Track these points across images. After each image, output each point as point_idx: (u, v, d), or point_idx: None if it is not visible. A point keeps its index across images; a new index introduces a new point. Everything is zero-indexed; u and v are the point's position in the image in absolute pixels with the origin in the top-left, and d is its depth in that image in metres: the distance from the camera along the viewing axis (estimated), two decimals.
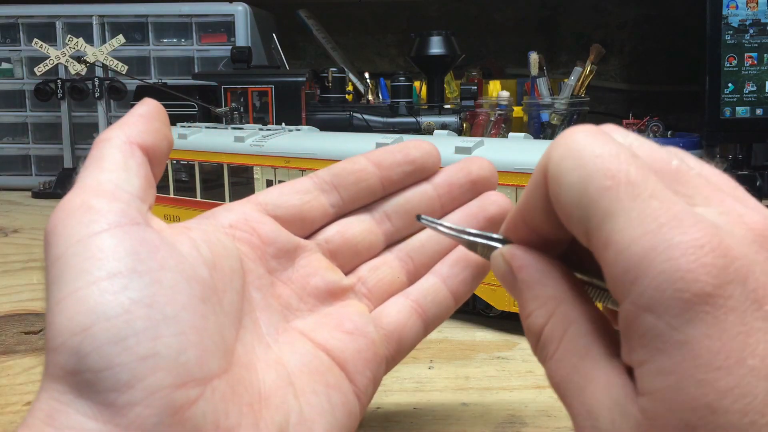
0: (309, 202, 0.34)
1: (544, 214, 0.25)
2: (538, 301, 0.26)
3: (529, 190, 0.26)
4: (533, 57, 1.10)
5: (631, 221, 0.21)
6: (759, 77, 1.02)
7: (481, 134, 1.09)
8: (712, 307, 0.20)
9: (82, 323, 0.22)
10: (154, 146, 0.29)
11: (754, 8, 1.01)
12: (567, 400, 0.24)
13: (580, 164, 0.23)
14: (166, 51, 1.23)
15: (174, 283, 0.24)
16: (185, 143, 0.73)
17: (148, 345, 0.23)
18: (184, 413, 0.23)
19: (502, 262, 0.28)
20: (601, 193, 0.22)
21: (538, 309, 0.26)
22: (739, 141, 1.07)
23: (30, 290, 0.66)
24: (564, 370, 0.24)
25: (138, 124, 0.29)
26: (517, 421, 0.40)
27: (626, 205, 0.22)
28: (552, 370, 0.25)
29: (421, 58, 1.04)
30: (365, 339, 0.32)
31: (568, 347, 0.25)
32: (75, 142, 1.24)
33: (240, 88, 1.00)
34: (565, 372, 0.24)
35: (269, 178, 0.67)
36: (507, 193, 0.52)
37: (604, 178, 0.22)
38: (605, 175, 0.22)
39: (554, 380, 0.25)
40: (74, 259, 0.24)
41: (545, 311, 0.26)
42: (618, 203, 0.22)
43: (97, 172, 0.27)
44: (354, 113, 1.01)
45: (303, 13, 1.31)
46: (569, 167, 0.23)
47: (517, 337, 0.53)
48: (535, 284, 0.26)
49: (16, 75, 1.26)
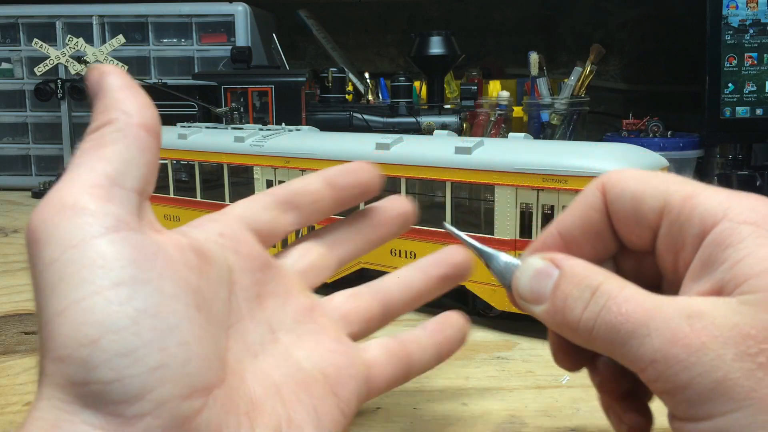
0: (276, 218, 0.34)
1: (588, 235, 0.29)
2: (591, 269, 0.27)
3: (578, 209, 0.29)
4: (533, 57, 1.10)
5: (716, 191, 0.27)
6: (759, 77, 1.02)
7: (481, 134, 1.09)
8: None
9: (90, 335, 0.22)
10: (153, 121, 0.28)
11: (754, 8, 1.01)
12: (655, 324, 0.24)
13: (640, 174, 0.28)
14: (166, 51, 1.23)
15: (174, 292, 0.24)
16: (185, 143, 0.73)
17: (156, 356, 0.23)
18: (190, 423, 0.23)
19: (539, 260, 0.28)
20: (676, 178, 0.28)
21: (592, 275, 0.27)
22: (739, 141, 1.07)
23: (30, 290, 0.66)
24: (640, 297, 0.25)
25: (134, 100, 0.27)
26: (517, 421, 0.40)
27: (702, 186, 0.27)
28: (624, 305, 0.25)
29: (421, 58, 1.04)
30: (347, 356, 0.32)
31: (634, 287, 0.26)
32: (75, 142, 1.24)
33: (240, 88, 0.99)
34: (642, 298, 0.25)
35: (269, 178, 0.67)
36: (507, 193, 0.52)
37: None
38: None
39: (630, 314, 0.25)
40: (72, 266, 0.23)
41: (600, 273, 0.27)
42: (695, 185, 0.27)
43: (95, 162, 0.26)
44: (354, 113, 1.01)
45: (303, 13, 1.31)
46: (634, 174, 0.28)
47: (517, 337, 0.53)
48: (586, 266, 0.27)
49: (16, 75, 1.26)
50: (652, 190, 0.27)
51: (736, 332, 0.22)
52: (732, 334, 0.23)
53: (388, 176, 0.58)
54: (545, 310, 0.28)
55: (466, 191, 0.56)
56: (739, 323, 0.23)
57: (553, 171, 0.50)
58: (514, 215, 0.52)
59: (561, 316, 0.27)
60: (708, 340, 0.23)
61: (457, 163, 0.54)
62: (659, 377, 0.24)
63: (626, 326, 0.24)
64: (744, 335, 0.22)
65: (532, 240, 0.51)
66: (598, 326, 0.25)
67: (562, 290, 0.27)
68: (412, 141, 0.60)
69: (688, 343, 0.23)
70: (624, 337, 0.24)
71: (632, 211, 0.28)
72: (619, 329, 0.25)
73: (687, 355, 0.23)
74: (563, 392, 0.43)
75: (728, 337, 0.22)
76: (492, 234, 0.53)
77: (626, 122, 1.09)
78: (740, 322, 0.23)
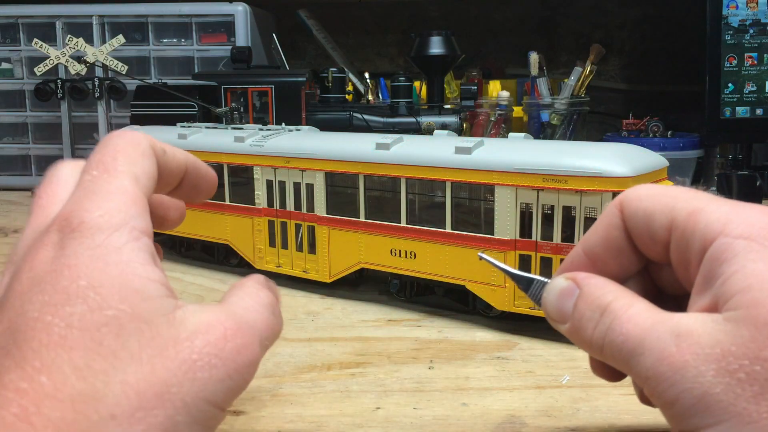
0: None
1: (611, 253, 0.30)
2: (604, 289, 0.28)
3: (600, 228, 0.30)
4: (533, 57, 1.10)
5: (718, 203, 0.28)
6: (759, 77, 1.02)
7: (481, 134, 1.09)
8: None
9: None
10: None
11: (754, 8, 1.01)
12: (648, 344, 0.25)
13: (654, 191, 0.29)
14: (166, 51, 1.23)
15: None
16: (185, 143, 0.73)
17: None
18: None
19: (563, 280, 0.30)
20: (684, 193, 0.29)
21: (605, 295, 0.28)
22: (739, 141, 1.07)
23: None
24: (640, 318, 0.26)
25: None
26: (517, 421, 0.40)
27: (708, 199, 0.28)
28: (625, 325, 0.26)
29: (421, 58, 1.04)
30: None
31: (641, 305, 0.27)
32: (75, 142, 1.24)
33: (240, 88, 0.99)
34: (641, 318, 0.26)
35: (269, 178, 0.67)
36: (507, 193, 0.52)
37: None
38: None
39: (629, 335, 0.26)
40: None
41: (611, 293, 0.28)
42: (700, 199, 0.28)
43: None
44: (354, 113, 1.01)
45: (303, 13, 1.31)
46: (647, 191, 0.29)
47: (517, 337, 0.53)
48: (601, 286, 0.29)
49: (16, 75, 1.26)
50: (661, 206, 0.28)
51: (718, 349, 0.23)
52: (714, 351, 0.24)
53: (388, 176, 0.59)
54: (568, 328, 0.29)
55: (466, 191, 0.56)
56: (722, 340, 0.24)
57: (553, 171, 0.50)
58: (514, 215, 0.52)
59: (578, 335, 0.28)
60: (691, 358, 0.24)
61: (457, 163, 0.54)
62: (653, 393, 0.25)
63: (627, 345, 0.26)
64: (725, 352, 0.23)
65: (532, 240, 0.51)
66: (606, 345, 0.27)
67: (579, 309, 0.28)
68: (412, 141, 0.60)
69: (673, 361, 0.24)
70: (626, 355, 0.26)
71: (645, 228, 0.29)
72: (621, 348, 0.26)
73: (672, 372, 0.24)
74: (563, 392, 0.43)
75: (709, 355, 0.24)
76: (492, 234, 0.53)
77: (626, 122, 1.09)
78: (722, 339, 0.24)
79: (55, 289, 0.24)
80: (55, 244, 0.25)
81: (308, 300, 0.63)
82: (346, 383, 0.45)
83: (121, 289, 0.24)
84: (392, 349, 0.51)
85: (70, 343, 0.23)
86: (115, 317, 0.24)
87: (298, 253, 0.66)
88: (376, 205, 0.60)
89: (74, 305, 0.23)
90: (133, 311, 0.24)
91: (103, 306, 0.24)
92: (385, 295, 0.63)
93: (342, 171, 0.61)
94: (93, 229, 0.25)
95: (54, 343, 0.23)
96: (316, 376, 0.46)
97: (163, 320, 0.25)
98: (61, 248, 0.25)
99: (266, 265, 0.68)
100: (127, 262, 0.25)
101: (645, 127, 1.08)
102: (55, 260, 0.25)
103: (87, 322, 0.23)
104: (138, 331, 0.24)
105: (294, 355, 0.50)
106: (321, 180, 0.63)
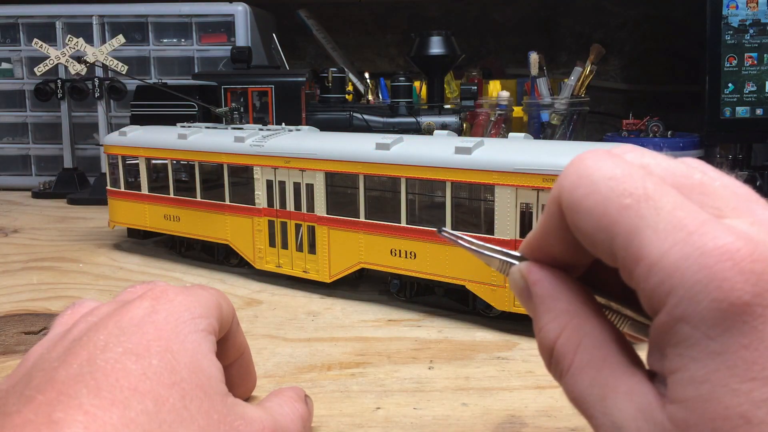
0: None
1: (562, 242, 0.26)
2: (551, 314, 0.26)
3: (544, 219, 0.26)
4: (533, 57, 1.10)
5: (658, 234, 0.21)
6: (759, 77, 1.02)
7: (481, 134, 1.09)
8: (750, 316, 0.20)
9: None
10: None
11: (754, 8, 1.01)
12: (588, 413, 0.24)
13: (593, 189, 0.23)
14: (166, 51, 1.23)
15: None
16: (185, 143, 0.73)
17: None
18: None
19: (519, 277, 0.28)
20: (621, 212, 0.22)
21: (551, 322, 0.26)
22: (739, 141, 1.07)
23: (30, 290, 0.66)
24: (582, 384, 0.24)
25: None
26: (517, 421, 0.40)
27: (650, 219, 0.22)
28: (569, 385, 0.25)
29: (421, 58, 1.04)
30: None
31: (583, 359, 0.24)
32: (75, 142, 1.24)
33: (240, 88, 1.00)
34: (583, 385, 0.24)
35: (269, 178, 0.67)
36: (507, 193, 0.52)
37: (621, 197, 0.22)
38: (622, 194, 0.22)
39: (573, 395, 0.25)
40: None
41: (558, 324, 0.26)
42: (641, 219, 0.22)
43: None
44: (354, 113, 1.01)
45: (303, 13, 1.31)
46: (583, 194, 0.23)
47: (517, 337, 0.53)
48: (548, 298, 0.26)
49: (16, 75, 1.26)
50: (596, 222, 0.23)
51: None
52: None
53: (389, 176, 0.59)
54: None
55: (466, 191, 0.56)
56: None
57: (553, 171, 0.50)
58: (514, 215, 0.52)
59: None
60: None
61: (457, 163, 0.54)
62: None
63: (579, 401, 0.25)
64: None
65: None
66: (563, 387, 0.26)
67: (535, 315, 0.27)
68: (412, 141, 0.60)
69: None
70: (586, 407, 0.25)
71: (584, 233, 0.24)
72: (577, 400, 0.25)
73: None
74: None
75: None
76: (492, 234, 0.53)
77: (626, 122, 1.09)
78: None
79: (140, 341, 0.28)
80: (147, 308, 0.30)
81: (308, 300, 0.63)
82: (346, 383, 0.45)
83: (191, 362, 0.29)
84: (392, 349, 0.51)
85: (143, 390, 0.26)
86: (183, 381, 0.28)
87: (298, 253, 0.66)
88: (376, 205, 0.60)
89: (152, 359, 0.28)
90: (198, 383, 0.29)
91: (176, 369, 0.28)
92: (385, 295, 0.63)
93: (342, 171, 0.61)
94: (184, 308, 0.31)
95: (130, 386, 0.26)
96: (316, 376, 0.46)
97: (219, 399, 0.29)
98: (152, 312, 0.30)
99: (266, 265, 0.68)
100: (200, 344, 0.30)
101: (645, 127, 1.08)
102: (145, 318, 0.30)
103: (160, 377, 0.27)
104: (198, 399, 0.28)
105: (294, 355, 0.50)
106: (321, 180, 0.63)
